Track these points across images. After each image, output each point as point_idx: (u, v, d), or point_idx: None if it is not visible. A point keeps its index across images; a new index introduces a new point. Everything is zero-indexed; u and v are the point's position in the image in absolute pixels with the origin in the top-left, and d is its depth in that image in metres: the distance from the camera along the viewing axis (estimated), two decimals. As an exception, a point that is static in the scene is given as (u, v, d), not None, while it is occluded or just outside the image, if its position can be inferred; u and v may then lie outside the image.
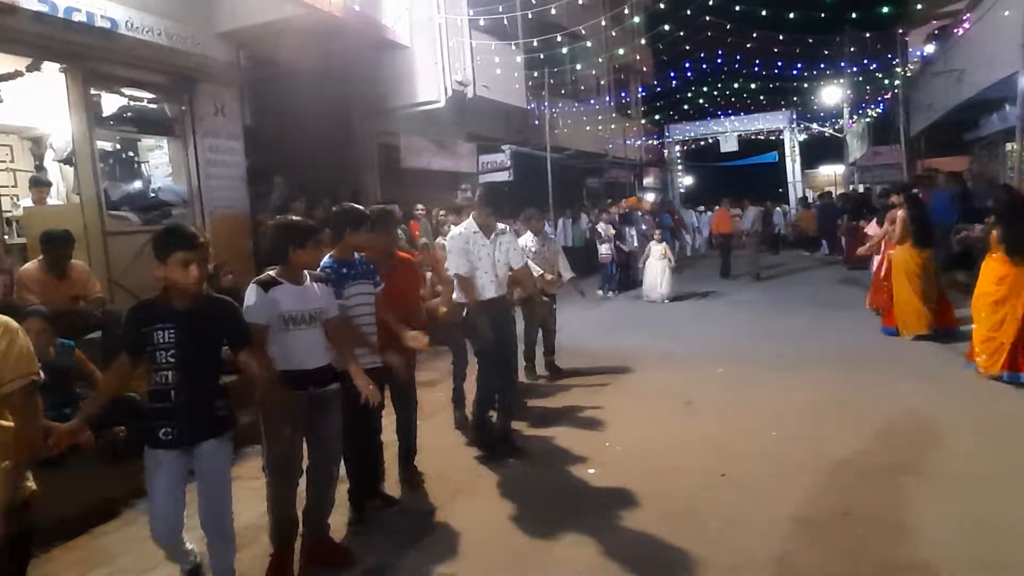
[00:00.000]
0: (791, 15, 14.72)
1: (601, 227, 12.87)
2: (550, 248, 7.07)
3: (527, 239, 6.81)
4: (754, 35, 17.70)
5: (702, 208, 24.98)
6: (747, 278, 14.23)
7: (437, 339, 5.57)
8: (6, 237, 5.77)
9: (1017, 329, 5.61)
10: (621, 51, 17.43)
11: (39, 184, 6.67)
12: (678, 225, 19.89)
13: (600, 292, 12.68)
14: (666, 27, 15.77)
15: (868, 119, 24.35)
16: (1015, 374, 5.61)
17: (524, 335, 6.70)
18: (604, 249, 12.68)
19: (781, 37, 17.79)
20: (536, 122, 15.31)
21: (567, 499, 3.98)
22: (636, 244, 13.51)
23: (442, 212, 10.64)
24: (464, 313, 4.69)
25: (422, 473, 4.32)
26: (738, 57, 20.28)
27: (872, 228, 9.41)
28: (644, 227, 14.67)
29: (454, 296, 4.76)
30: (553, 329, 7.12)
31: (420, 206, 10.55)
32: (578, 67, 17.45)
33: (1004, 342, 5.67)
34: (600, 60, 18.00)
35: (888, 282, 7.83)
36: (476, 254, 4.59)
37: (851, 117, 26.21)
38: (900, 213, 7.55)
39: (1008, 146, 14.09)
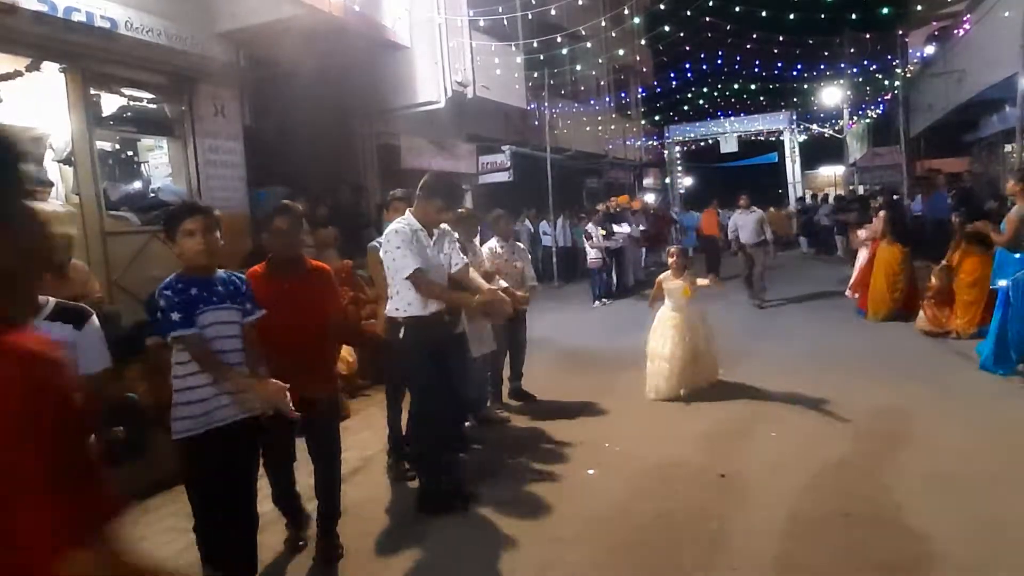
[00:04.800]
0: (791, 16, 14.75)
1: (590, 228, 12.36)
2: (520, 256, 6.23)
3: (492, 244, 6.04)
4: (754, 36, 17.75)
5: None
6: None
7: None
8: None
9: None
10: (621, 52, 17.43)
11: (39, 184, 6.67)
12: (666, 228, 18.60)
13: (596, 303, 12.07)
14: (666, 28, 15.79)
15: (868, 120, 24.38)
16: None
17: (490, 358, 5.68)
18: (593, 254, 12.09)
19: (781, 38, 17.84)
20: (536, 123, 15.32)
21: (566, 500, 3.97)
22: (622, 243, 12.98)
23: None
24: (401, 333, 3.80)
25: (341, 546, 3.47)
26: (738, 58, 20.36)
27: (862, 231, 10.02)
28: (631, 228, 14.02)
29: (390, 311, 3.88)
30: (521, 351, 6.17)
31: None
32: (578, 68, 17.46)
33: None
34: (600, 61, 18.00)
35: (870, 271, 9.09)
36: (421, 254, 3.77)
37: (851, 118, 26.24)
38: (881, 214, 8.94)
39: (1008, 147, 14.11)
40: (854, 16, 16.74)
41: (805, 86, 23.49)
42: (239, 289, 2.93)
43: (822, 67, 22.66)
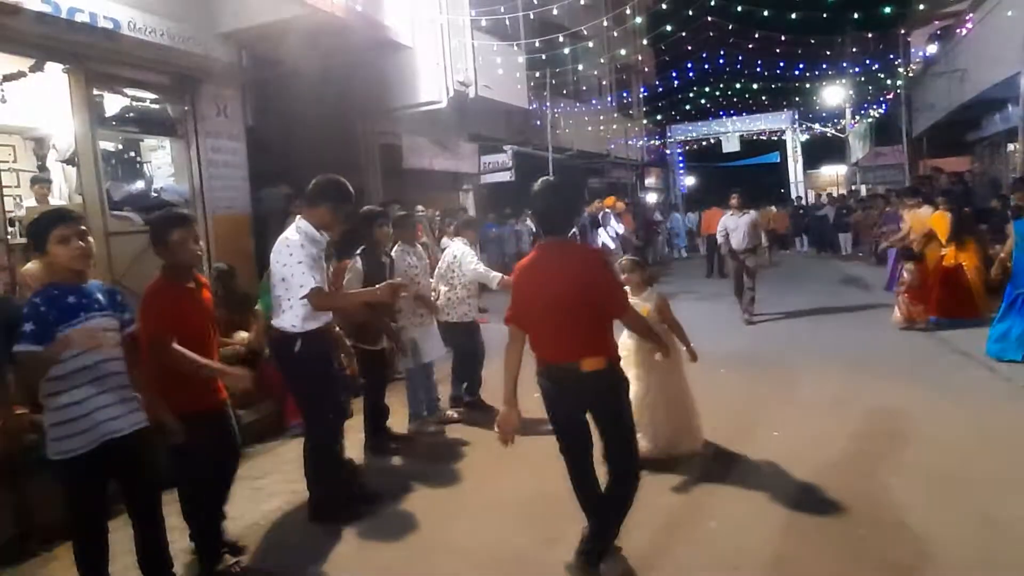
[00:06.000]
0: (793, 15, 14.73)
1: (575, 229, 12.29)
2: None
3: (459, 246, 5.81)
4: (756, 35, 17.73)
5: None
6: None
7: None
8: (9, 237, 5.78)
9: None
10: (623, 51, 17.43)
11: (40, 181, 6.71)
12: (651, 233, 18.20)
13: None
14: (668, 27, 15.78)
15: (870, 119, 24.34)
16: None
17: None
18: None
19: (783, 37, 17.82)
20: (538, 122, 15.32)
21: (567, 499, 3.97)
22: (612, 247, 12.75)
23: (436, 213, 10.66)
24: (297, 348, 3.63)
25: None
26: (740, 57, 20.34)
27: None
28: (617, 232, 13.72)
29: (283, 324, 3.70)
30: (467, 361, 5.73)
31: (420, 207, 10.57)
32: (580, 67, 17.46)
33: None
34: (602, 60, 18.00)
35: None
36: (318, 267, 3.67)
37: (853, 117, 26.20)
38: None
39: (1010, 146, 14.08)
40: (856, 15, 16.66)
41: (807, 85, 23.45)
42: (116, 298, 2.87)
43: (824, 66, 22.64)
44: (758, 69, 21.37)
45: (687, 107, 25.58)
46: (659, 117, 27.36)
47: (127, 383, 2.84)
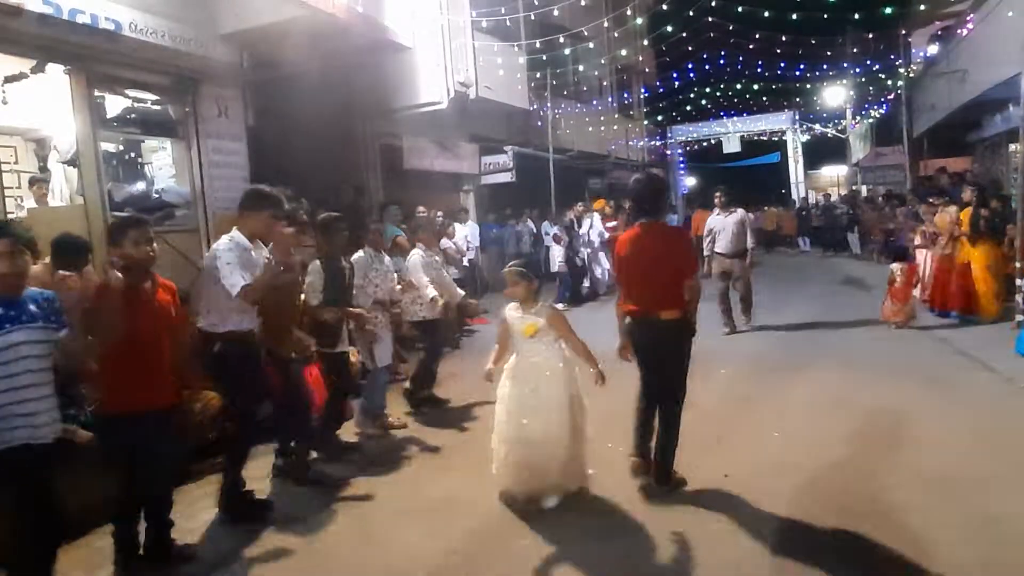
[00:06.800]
0: (794, 16, 14.71)
1: (557, 230, 11.98)
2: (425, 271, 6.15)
3: (419, 254, 6.13)
4: (756, 36, 17.71)
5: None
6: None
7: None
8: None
9: None
10: (623, 52, 17.44)
11: (38, 181, 6.74)
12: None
13: (561, 305, 11.53)
14: (668, 28, 15.78)
15: (871, 120, 24.32)
16: None
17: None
18: (559, 257, 11.85)
19: (784, 38, 17.79)
20: (538, 123, 15.31)
21: (567, 500, 3.98)
22: (588, 251, 12.54)
23: (439, 214, 10.66)
24: (216, 349, 3.78)
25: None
26: (740, 58, 20.30)
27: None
28: (602, 232, 13.03)
29: (204, 325, 3.84)
30: (426, 360, 6.21)
31: (421, 208, 10.58)
32: (580, 68, 17.46)
33: None
34: (602, 61, 18.01)
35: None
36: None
37: (854, 118, 26.18)
38: (952, 209, 8.65)
39: (1011, 147, 14.06)
40: (856, 16, 16.63)
41: (808, 86, 23.43)
42: (52, 306, 2.91)
43: (825, 67, 22.58)
44: (759, 70, 21.35)
45: (688, 108, 25.56)
46: (660, 118, 27.33)
47: (50, 393, 2.88)
